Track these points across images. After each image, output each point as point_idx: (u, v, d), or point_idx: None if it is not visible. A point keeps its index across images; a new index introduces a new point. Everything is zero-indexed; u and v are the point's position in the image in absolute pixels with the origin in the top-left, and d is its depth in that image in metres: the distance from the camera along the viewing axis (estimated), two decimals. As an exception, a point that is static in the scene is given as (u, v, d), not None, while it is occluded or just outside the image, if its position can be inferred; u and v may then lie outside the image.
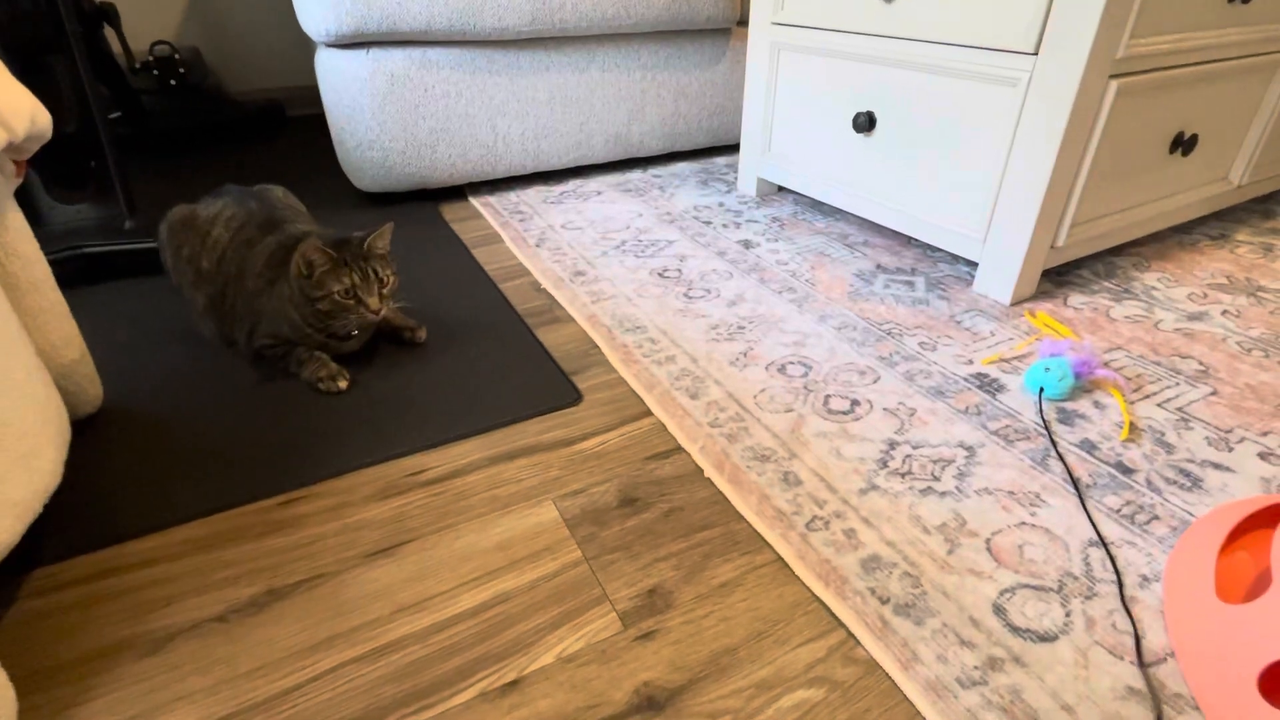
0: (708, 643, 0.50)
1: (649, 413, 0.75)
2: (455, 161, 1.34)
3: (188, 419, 0.75)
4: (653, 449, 0.70)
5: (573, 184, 1.47)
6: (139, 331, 0.92)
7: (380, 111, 1.24)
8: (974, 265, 1.08)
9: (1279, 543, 0.49)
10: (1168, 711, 0.45)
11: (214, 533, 0.61)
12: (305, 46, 2.12)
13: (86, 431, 0.73)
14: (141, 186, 1.47)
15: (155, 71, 1.76)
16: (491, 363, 0.84)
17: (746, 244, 1.17)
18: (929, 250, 1.13)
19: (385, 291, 0.79)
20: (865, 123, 1.07)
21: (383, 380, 0.81)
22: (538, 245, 1.17)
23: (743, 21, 1.56)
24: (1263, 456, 0.67)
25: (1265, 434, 0.70)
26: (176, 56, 1.77)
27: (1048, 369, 0.75)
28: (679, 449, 0.70)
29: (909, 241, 1.17)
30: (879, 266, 1.08)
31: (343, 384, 0.78)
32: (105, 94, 1.60)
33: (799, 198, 1.38)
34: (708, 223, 1.26)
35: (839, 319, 0.93)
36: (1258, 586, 0.52)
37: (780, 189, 1.42)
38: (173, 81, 1.78)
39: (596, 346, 0.88)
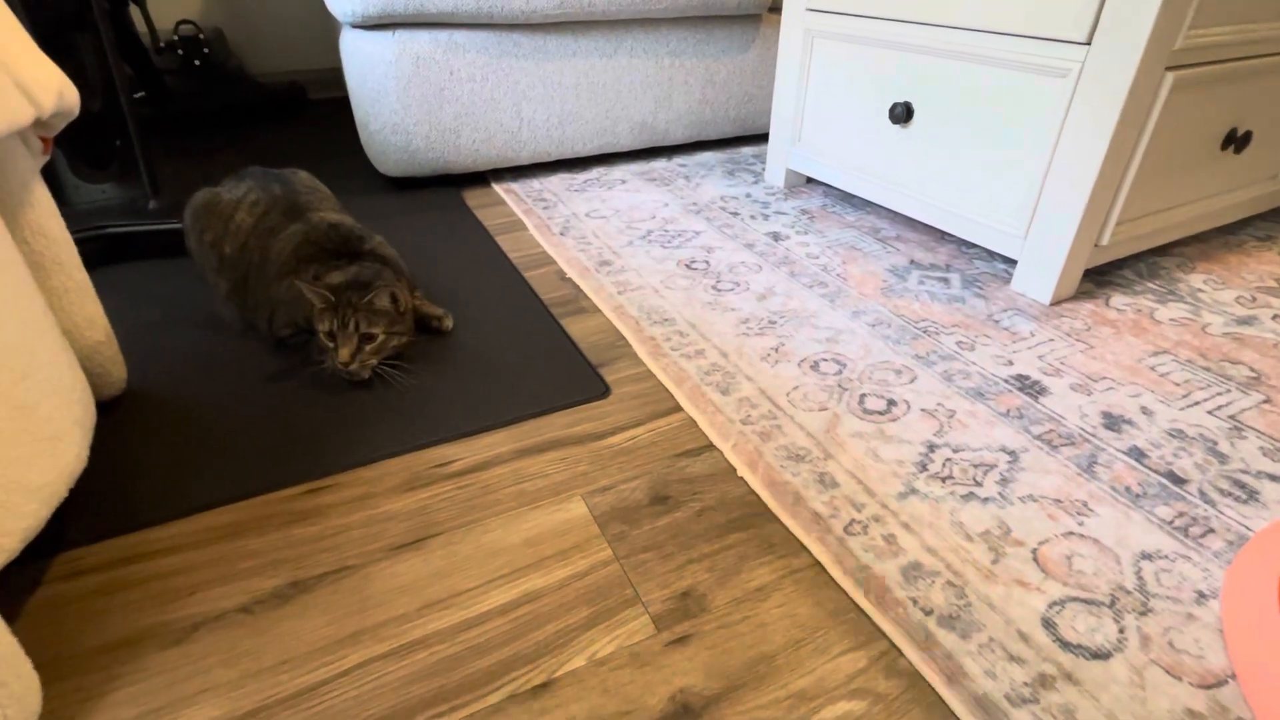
0: (744, 649, 0.49)
1: (679, 408, 0.73)
2: (479, 147, 1.32)
3: (211, 404, 0.74)
4: (683, 446, 0.68)
5: (597, 172, 1.45)
6: (162, 314, 0.92)
7: (405, 95, 1.22)
8: (1012, 263, 1.05)
9: (1351, 563, 0.47)
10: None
11: (237, 520, 0.60)
12: (329, 28, 2.10)
13: (110, 414, 0.72)
14: (165, 167, 1.47)
15: (180, 52, 1.75)
16: (517, 353, 0.82)
17: (775, 236, 1.14)
18: (964, 246, 1.10)
19: (370, 349, 0.74)
20: (902, 113, 1.04)
21: (408, 367, 0.79)
22: (562, 234, 1.15)
23: (775, 8, 1.53)
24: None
25: (1323, 445, 0.67)
26: (201, 37, 1.76)
27: None
28: (710, 446, 0.68)
29: (943, 237, 1.14)
30: (913, 262, 1.05)
31: (365, 373, 0.77)
32: (129, 73, 1.60)
33: (828, 190, 1.35)
34: (735, 214, 1.23)
35: (872, 315, 0.90)
36: (1324, 607, 0.50)
37: (808, 180, 1.39)
38: (196, 62, 1.77)
39: (624, 338, 0.86)
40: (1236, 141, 0.95)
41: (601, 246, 1.10)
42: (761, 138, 1.70)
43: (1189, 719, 0.44)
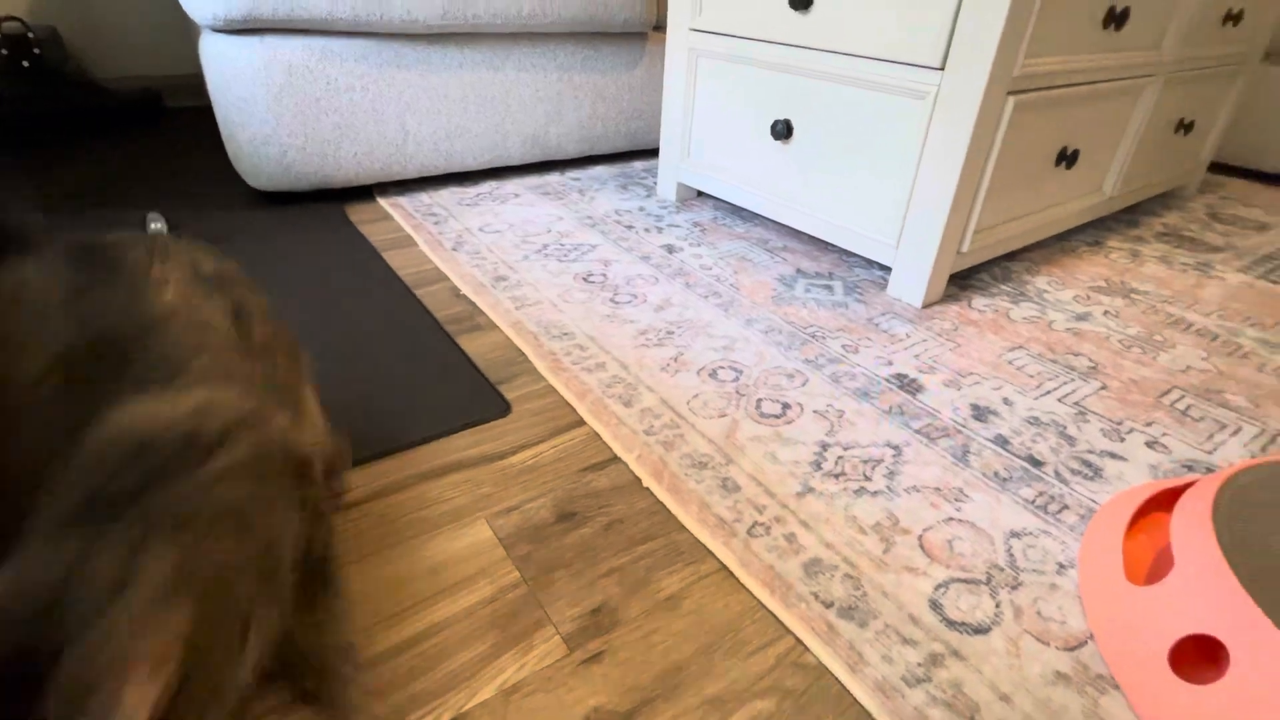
0: (657, 660, 0.49)
1: (582, 422, 0.73)
2: (362, 160, 1.27)
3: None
4: (588, 460, 0.68)
5: (489, 185, 1.42)
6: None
7: (277, 105, 1.15)
8: (887, 270, 1.12)
9: (1176, 527, 0.53)
10: (1090, 692, 0.48)
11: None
12: (189, 31, 1.95)
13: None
14: (-11, 181, 1.30)
15: (3, 51, 1.56)
16: (411, 374, 0.79)
17: (670, 248, 1.17)
18: (845, 255, 1.17)
19: None
20: (783, 130, 1.09)
21: (289, 396, 0.74)
22: (455, 249, 1.12)
23: (660, 26, 1.57)
24: (1149, 445, 0.73)
25: (1149, 424, 0.77)
26: (30, 35, 1.58)
27: None
28: (615, 459, 0.68)
29: (826, 246, 1.20)
30: (799, 271, 1.10)
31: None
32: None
33: (719, 203, 1.40)
34: (630, 227, 1.25)
35: (765, 323, 0.94)
36: (1158, 567, 0.56)
37: (700, 194, 1.44)
38: (25, 63, 1.59)
39: (523, 354, 0.84)
40: (1067, 159, 1.08)
41: (496, 261, 1.08)
42: (653, 152, 1.74)
43: (1057, 680, 0.48)
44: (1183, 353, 0.92)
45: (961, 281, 1.09)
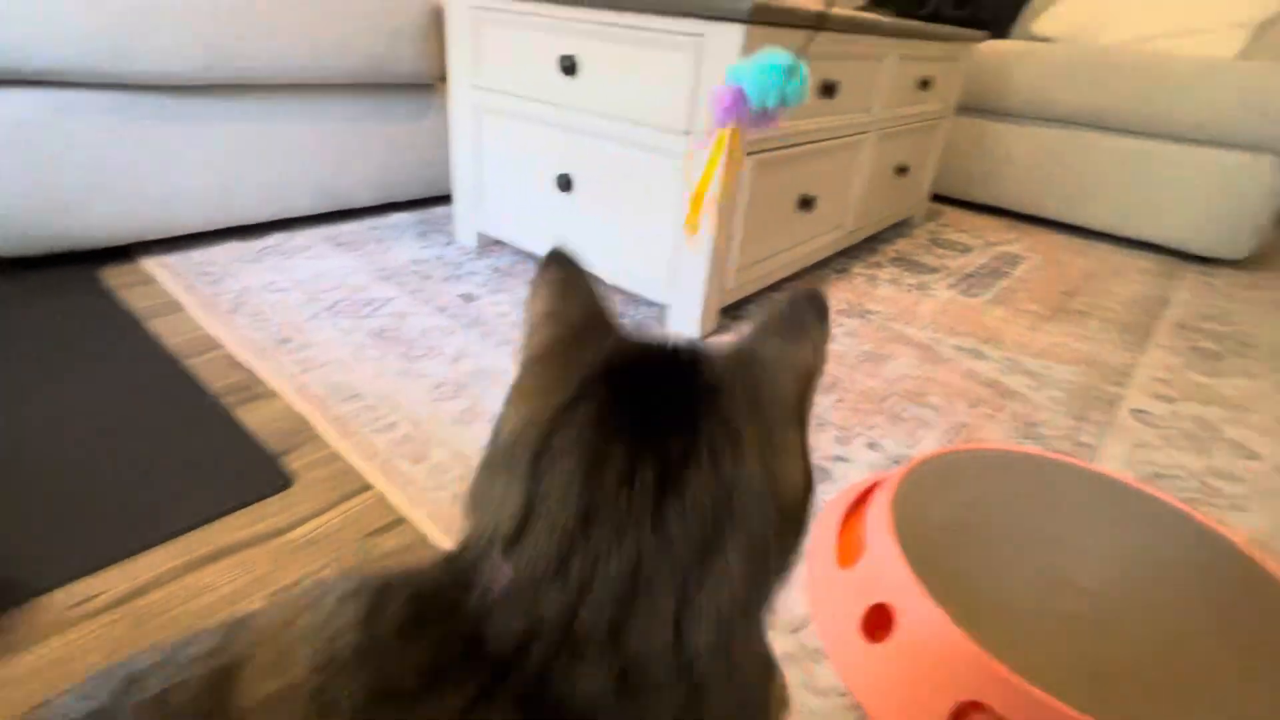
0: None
1: (369, 486, 0.74)
2: (118, 218, 1.16)
3: None
4: (375, 523, 0.69)
5: (276, 238, 1.36)
6: None
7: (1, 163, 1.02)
8: (666, 308, 1.24)
9: (868, 514, 0.67)
10: (809, 665, 0.58)
11: None
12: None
13: None
14: None
15: None
16: (180, 454, 0.75)
17: (468, 297, 1.20)
18: (633, 295, 1.28)
19: None
20: (565, 183, 1.18)
21: (29, 488, 0.67)
22: (233, 311, 1.06)
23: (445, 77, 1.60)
24: (870, 446, 0.89)
25: (871, 428, 0.93)
26: None
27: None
28: (403, 519, 0.70)
29: (615, 288, 1.30)
30: (591, 312, 1.18)
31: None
32: None
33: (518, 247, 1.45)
34: (427, 277, 1.26)
35: (557, 366, 1.00)
36: (860, 550, 0.69)
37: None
38: None
39: (307, 422, 0.83)
40: (807, 203, 1.27)
41: (281, 322, 1.05)
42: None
43: (784, 659, 0.58)
44: (901, 363, 1.12)
45: (733, 313, 1.24)
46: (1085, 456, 0.92)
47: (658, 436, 0.24)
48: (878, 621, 0.60)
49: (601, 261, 1.19)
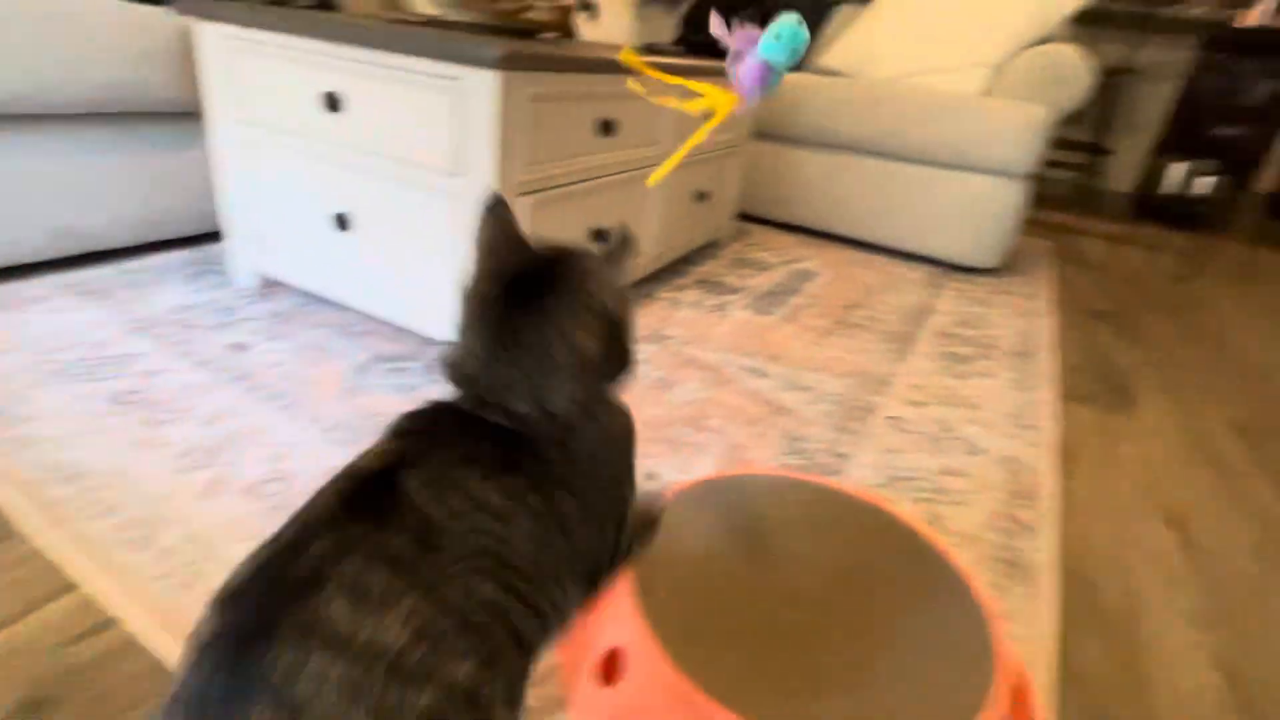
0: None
1: (73, 586, 0.66)
2: None
3: None
4: (76, 629, 0.62)
5: (0, 290, 1.19)
6: None
7: None
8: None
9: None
10: (558, 713, 0.59)
11: None
12: None
13: None
14: None
15: None
16: None
17: (239, 347, 1.11)
18: (421, 335, 1.24)
19: None
20: (343, 222, 1.12)
21: None
22: (-72, 384, 0.91)
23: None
24: (647, 476, 0.93)
25: (650, 457, 0.97)
26: None
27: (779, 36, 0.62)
28: (112, 620, 0.63)
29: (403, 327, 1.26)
30: (377, 356, 1.14)
31: None
32: None
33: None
34: (192, 326, 1.15)
35: (330, 420, 0.95)
36: (617, 590, 0.71)
37: (287, 278, 1.39)
38: None
39: (4, 515, 0.73)
40: (600, 235, 1.30)
41: (-8, 393, 0.91)
42: (242, 230, 1.62)
43: (527, 713, 0.59)
44: (688, 388, 1.18)
45: (532, 346, 1.24)
46: (840, 466, 1.01)
47: (527, 302, 0.44)
48: (612, 666, 0.62)
49: (386, 299, 1.15)
